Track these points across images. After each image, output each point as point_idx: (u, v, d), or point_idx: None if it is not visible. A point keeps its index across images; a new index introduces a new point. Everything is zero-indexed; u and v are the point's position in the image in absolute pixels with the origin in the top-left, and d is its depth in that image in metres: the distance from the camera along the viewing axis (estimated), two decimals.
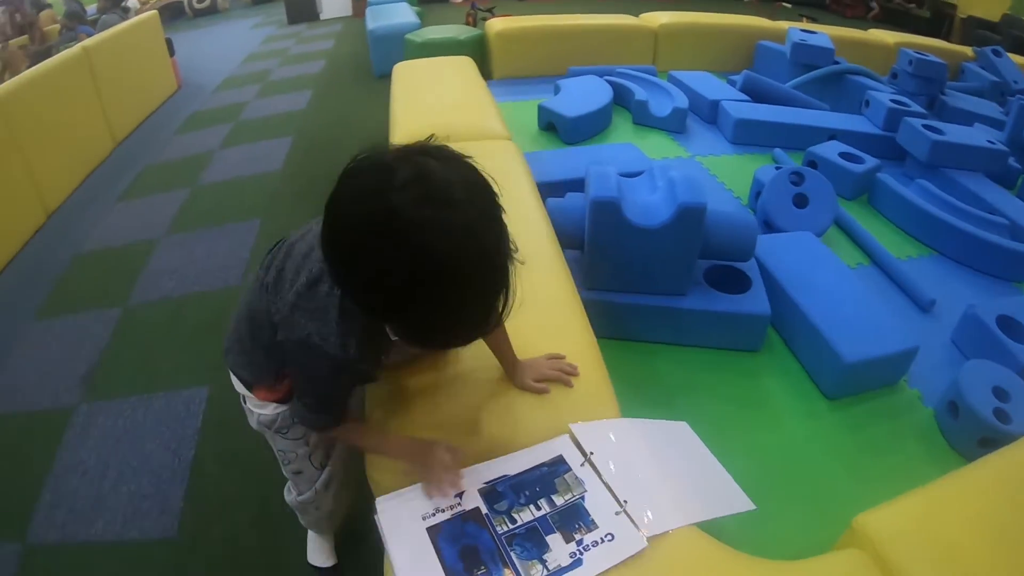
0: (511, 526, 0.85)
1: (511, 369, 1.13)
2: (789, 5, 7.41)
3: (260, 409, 1.07)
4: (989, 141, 3.11)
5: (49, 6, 6.89)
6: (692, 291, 1.98)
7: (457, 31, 4.94)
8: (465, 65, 3.20)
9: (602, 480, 0.92)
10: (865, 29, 5.21)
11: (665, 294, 1.97)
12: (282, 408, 1.05)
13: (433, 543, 0.82)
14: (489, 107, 2.66)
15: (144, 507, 1.68)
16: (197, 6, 10.27)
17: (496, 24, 4.77)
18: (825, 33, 4.30)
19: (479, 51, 4.78)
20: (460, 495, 0.89)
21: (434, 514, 0.86)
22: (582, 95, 3.70)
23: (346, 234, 0.70)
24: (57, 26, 6.11)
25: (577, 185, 2.12)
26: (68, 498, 1.74)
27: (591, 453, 0.96)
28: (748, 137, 3.43)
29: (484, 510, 0.87)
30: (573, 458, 0.96)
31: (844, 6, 9.62)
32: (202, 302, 2.56)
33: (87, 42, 4.41)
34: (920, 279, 2.30)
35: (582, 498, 0.89)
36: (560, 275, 1.50)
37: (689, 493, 1.02)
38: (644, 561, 0.83)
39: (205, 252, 2.94)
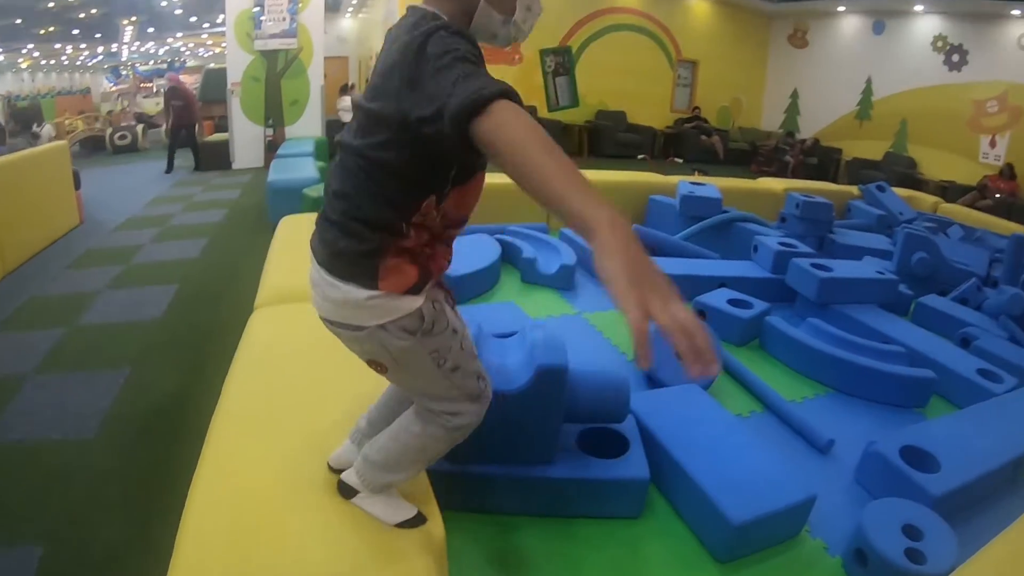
0: None
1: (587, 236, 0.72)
2: (681, 161, 7.97)
3: (395, 315, 0.96)
4: (878, 272, 3.15)
5: None
6: (561, 457, 1.78)
7: None
8: None
9: None
10: (754, 178, 5.37)
11: (530, 463, 1.75)
12: (419, 301, 0.97)
13: None
14: None
15: None
16: (118, 143, 10.27)
17: None
18: (713, 184, 4.33)
19: None
20: None
21: None
22: (468, 254, 3.38)
23: None
24: None
25: None
26: None
27: None
28: None
29: None
30: None
31: (760, 165, 10.33)
32: (54, 450, 2.32)
33: None
34: (816, 420, 2.17)
35: None
36: None
37: None
38: None
39: (68, 398, 2.72)
